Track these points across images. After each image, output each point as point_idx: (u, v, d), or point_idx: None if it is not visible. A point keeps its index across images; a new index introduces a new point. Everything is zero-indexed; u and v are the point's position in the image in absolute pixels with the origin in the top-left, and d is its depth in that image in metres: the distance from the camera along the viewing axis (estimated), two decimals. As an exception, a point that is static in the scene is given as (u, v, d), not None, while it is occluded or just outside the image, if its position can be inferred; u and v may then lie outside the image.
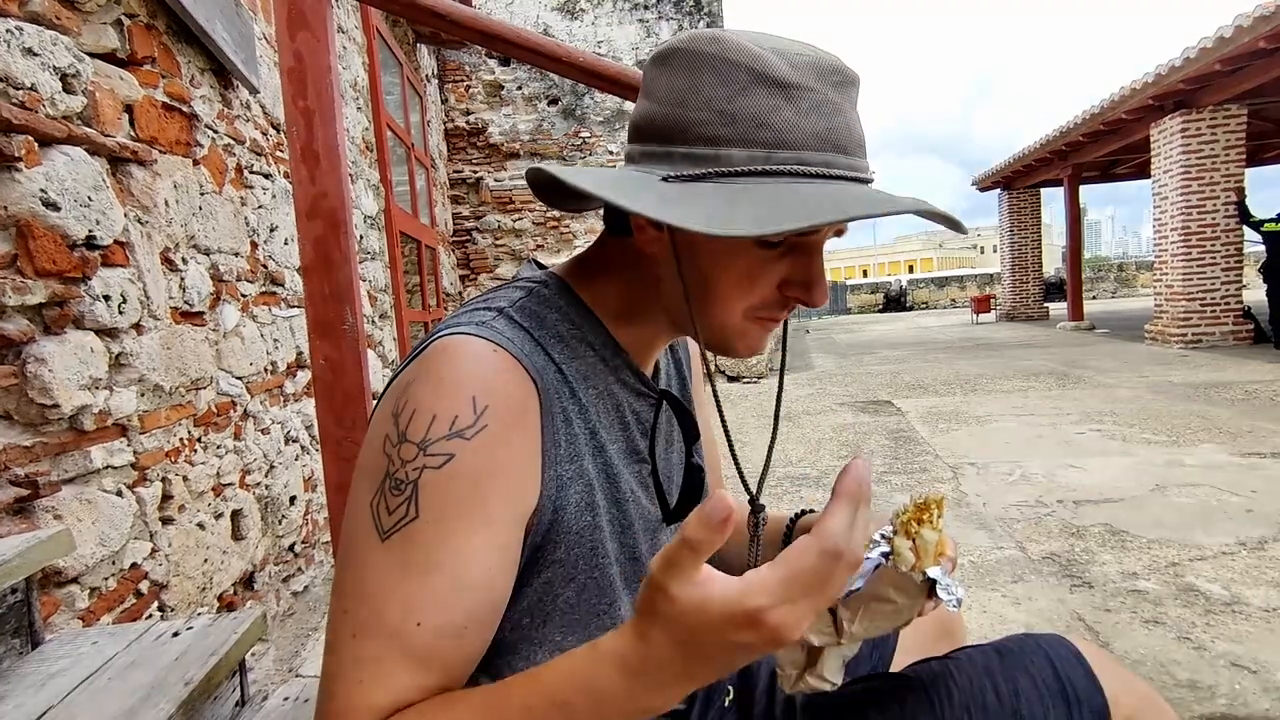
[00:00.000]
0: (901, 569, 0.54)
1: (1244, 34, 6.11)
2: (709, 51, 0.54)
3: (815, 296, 0.57)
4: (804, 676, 0.60)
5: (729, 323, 0.59)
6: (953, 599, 0.54)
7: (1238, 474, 3.17)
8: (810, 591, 0.38)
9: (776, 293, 0.58)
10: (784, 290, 0.58)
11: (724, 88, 0.53)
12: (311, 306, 1.09)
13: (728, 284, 0.57)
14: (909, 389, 6.26)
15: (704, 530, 0.37)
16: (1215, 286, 7.76)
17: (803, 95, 0.53)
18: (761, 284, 0.57)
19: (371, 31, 3.76)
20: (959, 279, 24.95)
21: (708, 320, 0.59)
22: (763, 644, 0.39)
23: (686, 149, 0.54)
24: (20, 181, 1.23)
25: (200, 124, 1.90)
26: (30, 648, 1.10)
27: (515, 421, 0.53)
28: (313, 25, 1.05)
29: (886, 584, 0.55)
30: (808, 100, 0.53)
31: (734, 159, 0.52)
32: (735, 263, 0.56)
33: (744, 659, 0.41)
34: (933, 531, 0.54)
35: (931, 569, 0.54)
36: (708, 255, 0.56)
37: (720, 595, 0.38)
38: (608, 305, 0.65)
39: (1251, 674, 1.66)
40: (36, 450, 1.24)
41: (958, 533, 2.70)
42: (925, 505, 0.55)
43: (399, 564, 0.49)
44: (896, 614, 0.56)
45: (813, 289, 0.57)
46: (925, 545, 0.54)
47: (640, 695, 0.42)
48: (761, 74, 0.52)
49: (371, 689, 0.47)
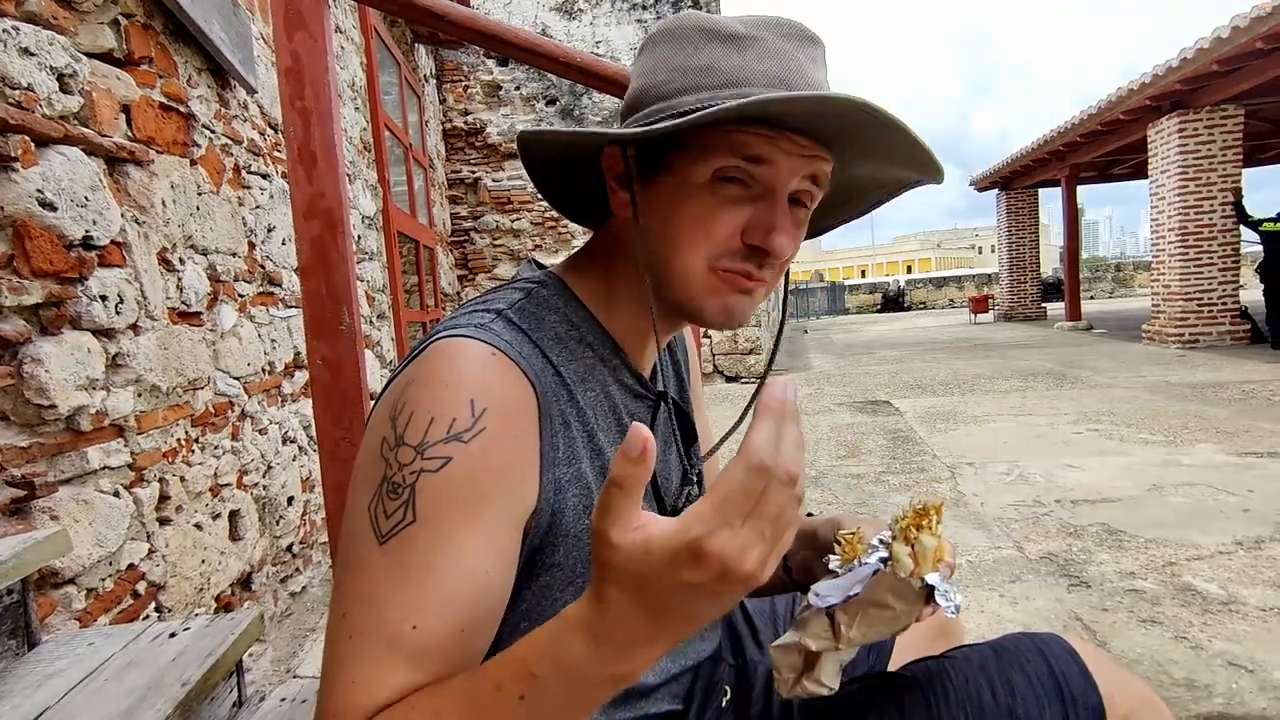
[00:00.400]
0: (900, 575, 0.54)
1: (1241, 35, 6.13)
2: (671, 26, 0.59)
3: (775, 242, 0.56)
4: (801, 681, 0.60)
5: (692, 275, 0.58)
6: (951, 605, 0.54)
7: (1234, 474, 3.18)
8: (743, 511, 0.36)
9: (738, 240, 0.58)
10: (746, 239, 0.58)
11: (680, 50, 0.58)
12: (309, 307, 1.09)
13: (685, 227, 0.57)
14: (907, 389, 6.26)
15: (627, 465, 0.36)
16: (1212, 287, 7.78)
17: (753, 44, 0.56)
18: (718, 226, 0.57)
19: (369, 31, 3.76)
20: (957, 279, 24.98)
21: (672, 275, 0.59)
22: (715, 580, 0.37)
23: (646, 109, 0.58)
24: (17, 181, 1.23)
25: (197, 124, 1.90)
26: (27, 649, 1.09)
27: (513, 425, 0.53)
28: (310, 25, 1.05)
29: (885, 589, 0.55)
30: (757, 48, 0.56)
31: (684, 103, 0.56)
32: (692, 204, 0.57)
33: (706, 607, 0.39)
34: (931, 537, 0.54)
35: (930, 575, 0.54)
36: (668, 203, 0.58)
37: (659, 533, 0.37)
38: (599, 295, 0.65)
39: (1248, 673, 1.66)
40: (33, 451, 1.24)
41: (955, 533, 2.70)
42: (924, 511, 0.55)
43: (397, 568, 0.49)
44: (894, 620, 0.56)
45: (773, 233, 0.56)
46: (924, 551, 0.54)
47: (607, 661, 0.40)
48: (713, 31, 0.57)
49: (367, 690, 0.47)
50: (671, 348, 0.82)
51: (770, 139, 0.54)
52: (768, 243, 0.56)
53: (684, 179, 0.57)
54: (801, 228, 0.61)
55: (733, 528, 0.36)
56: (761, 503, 0.36)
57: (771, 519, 0.37)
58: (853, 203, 0.70)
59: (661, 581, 0.37)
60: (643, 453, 0.36)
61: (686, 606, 0.38)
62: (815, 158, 0.56)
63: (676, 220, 0.58)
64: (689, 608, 0.39)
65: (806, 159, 0.56)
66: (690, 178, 0.56)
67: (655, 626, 0.39)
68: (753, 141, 0.54)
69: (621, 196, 0.61)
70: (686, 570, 0.37)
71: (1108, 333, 10.39)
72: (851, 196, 0.69)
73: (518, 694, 0.42)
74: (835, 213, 0.72)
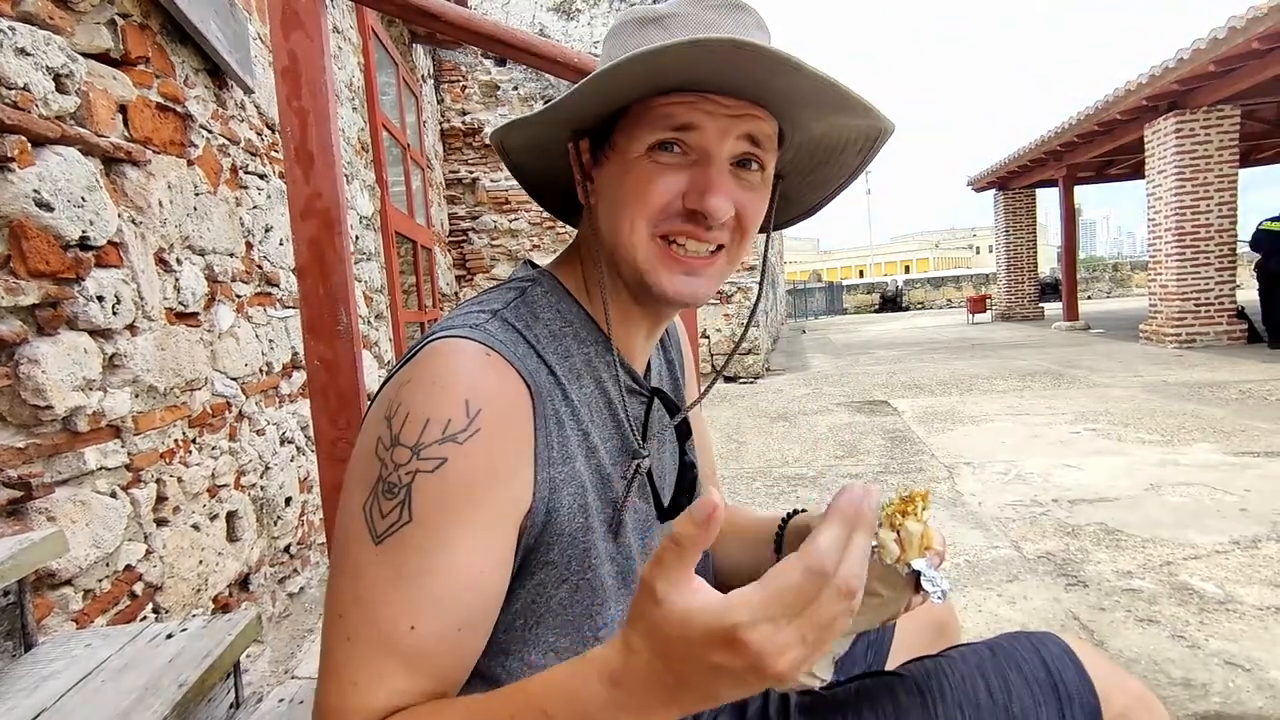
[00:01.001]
0: (886, 561, 0.55)
1: (1237, 35, 6.14)
2: (615, 24, 0.64)
3: (710, 204, 0.57)
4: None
5: (637, 243, 0.60)
6: (937, 590, 0.55)
7: (1232, 473, 3.19)
8: (792, 611, 0.36)
9: (679, 203, 0.59)
10: (685, 203, 0.59)
11: (618, 41, 0.62)
12: (306, 307, 1.09)
13: (625, 198, 0.60)
14: (905, 389, 6.27)
15: (690, 527, 0.37)
16: (1209, 287, 7.79)
17: (676, 20, 0.59)
18: (655, 192, 0.59)
19: (367, 32, 3.76)
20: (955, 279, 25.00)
21: (623, 250, 0.61)
22: (745, 671, 0.37)
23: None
24: (13, 182, 1.22)
25: (194, 124, 1.90)
26: (23, 650, 1.09)
27: (508, 425, 0.53)
28: (306, 25, 1.05)
29: (872, 577, 0.56)
30: (678, 22, 0.59)
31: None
32: (631, 175, 0.59)
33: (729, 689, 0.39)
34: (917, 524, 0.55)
35: (916, 561, 0.55)
36: (614, 179, 0.61)
37: (702, 605, 0.37)
38: (582, 287, 0.67)
39: (1245, 672, 1.67)
40: (30, 451, 1.24)
41: (953, 532, 2.70)
42: (910, 499, 0.56)
43: (392, 568, 0.49)
44: (883, 607, 0.57)
45: (707, 195, 0.57)
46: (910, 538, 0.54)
47: (621, 709, 0.40)
48: (645, 18, 0.61)
49: (365, 692, 0.47)
50: (665, 346, 0.82)
51: (693, 104, 0.57)
52: (702, 204, 0.58)
53: (623, 156, 0.60)
54: (755, 191, 0.62)
55: (776, 624, 0.36)
56: (813, 607, 0.36)
57: (817, 626, 0.37)
58: (832, 165, 0.70)
59: (690, 653, 0.38)
60: (708, 519, 0.36)
61: (710, 685, 0.38)
62: (745, 116, 0.58)
63: (619, 194, 0.60)
64: (712, 686, 0.39)
65: (735, 118, 0.58)
66: (628, 153, 0.59)
67: (674, 692, 0.39)
68: (677, 110, 0.57)
69: (588, 187, 0.65)
70: (719, 652, 0.37)
71: (1105, 332, 10.41)
72: (828, 158, 0.69)
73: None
74: (824, 178, 0.72)
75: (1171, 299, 7.94)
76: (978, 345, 9.73)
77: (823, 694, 0.76)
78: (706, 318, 7.00)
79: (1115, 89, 8.16)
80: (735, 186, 0.59)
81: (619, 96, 0.58)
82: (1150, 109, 8.02)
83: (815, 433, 4.68)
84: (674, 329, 0.86)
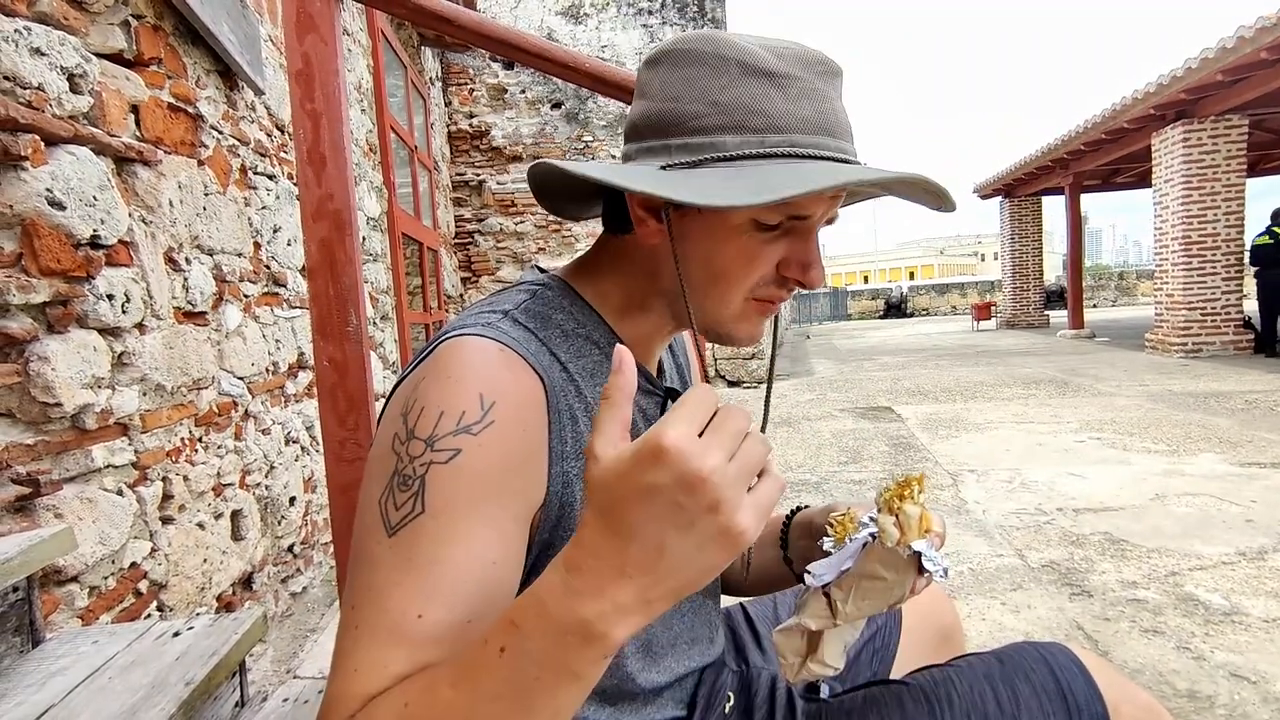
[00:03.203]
0: (888, 545, 0.56)
1: (1246, 44, 6.13)
2: (700, 49, 0.57)
3: (812, 277, 0.59)
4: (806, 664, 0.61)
5: (729, 307, 0.61)
6: (938, 569, 0.56)
7: (1237, 484, 3.17)
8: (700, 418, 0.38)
9: (774, 273, 0.60)
10: (782, 270, 0.60)
11: (716, 80, 0.56)
12: (316, 308, 1.09)
13: (727, 267, 0.59)
14: (909, 395, 6.26)
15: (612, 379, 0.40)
16: (1216, 296, 7.77)
17: (791, 83, 0.55)
18: (759, 265, 0.59)
19: (376, 34, 3.78)
20: (960, 286, 24.97)
21: (708, 306, 0.61)
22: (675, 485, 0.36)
23: (682, 140, 0.56)
24: (26, 180, 1.23)
25: (205, 125, 1.91)
26: (31, 646, 1.10)
27: (522, 418, 0.53)
28: (321, 29, 1.06)
29: (874, 560, 0.57)
30: (796, 88, 0.55)
31: (728, 144, 0.55)
32: (733, 246, 0.58)
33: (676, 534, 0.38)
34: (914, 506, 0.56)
35: (917, 542, 0.56)
36: (707, 241, 0.58)
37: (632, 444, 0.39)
38: (610, 302, 0.66)
39: (1251, 684, 1.66)
40: (38, 448, 1.25)
41: (957, 540, 2.69)
42: (906, 483, 0.57)
43: (404, 558, 0.49)
44: (888, 590, 0.58)
45: (810, 269, 0.59)
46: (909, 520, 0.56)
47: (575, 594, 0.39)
48: (751, 66, 0.55)
49: (365, 678, 0.47)
50: (673, 349, 0.83)
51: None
52: (806, 278, 0.59)
53: (721, 220, 0.57)
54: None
55: (689, 425, 0.38)
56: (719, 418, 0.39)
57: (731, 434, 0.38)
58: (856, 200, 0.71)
59: (626, 486, 0.38)
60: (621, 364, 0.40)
61: (651, 524, 0.38)
62: (840, 196, 0.60)
63: (717, 259, 0.59)
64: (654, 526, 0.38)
65: (835, 200, 0.59)
66: (729, 220, 0.57)
67: (621, 552, 0.38)
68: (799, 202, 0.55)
69: (650, 226, 0.60)
70: (648, 469, 0.37)
71: (1110, 341, 10.38)
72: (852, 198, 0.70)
73: (499, 646, 0.41)
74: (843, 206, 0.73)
75: (1178, 308, 7.92)
76: (982, 352, 9.71)
77: (829, 702, 0.76)
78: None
79: (1123, 97, 8.16)
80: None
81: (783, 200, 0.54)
82: (1158, 118, 8.01)
83: (819, 438, 4.67)
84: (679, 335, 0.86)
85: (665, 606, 0.40)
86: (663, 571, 0.38)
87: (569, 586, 0.39)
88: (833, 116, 0.57)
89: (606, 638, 0.39)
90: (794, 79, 0.55)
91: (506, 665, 0.41)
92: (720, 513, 0.37)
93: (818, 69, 0.57)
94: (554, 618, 0.40)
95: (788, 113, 0.55)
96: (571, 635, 0.39)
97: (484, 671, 0.42)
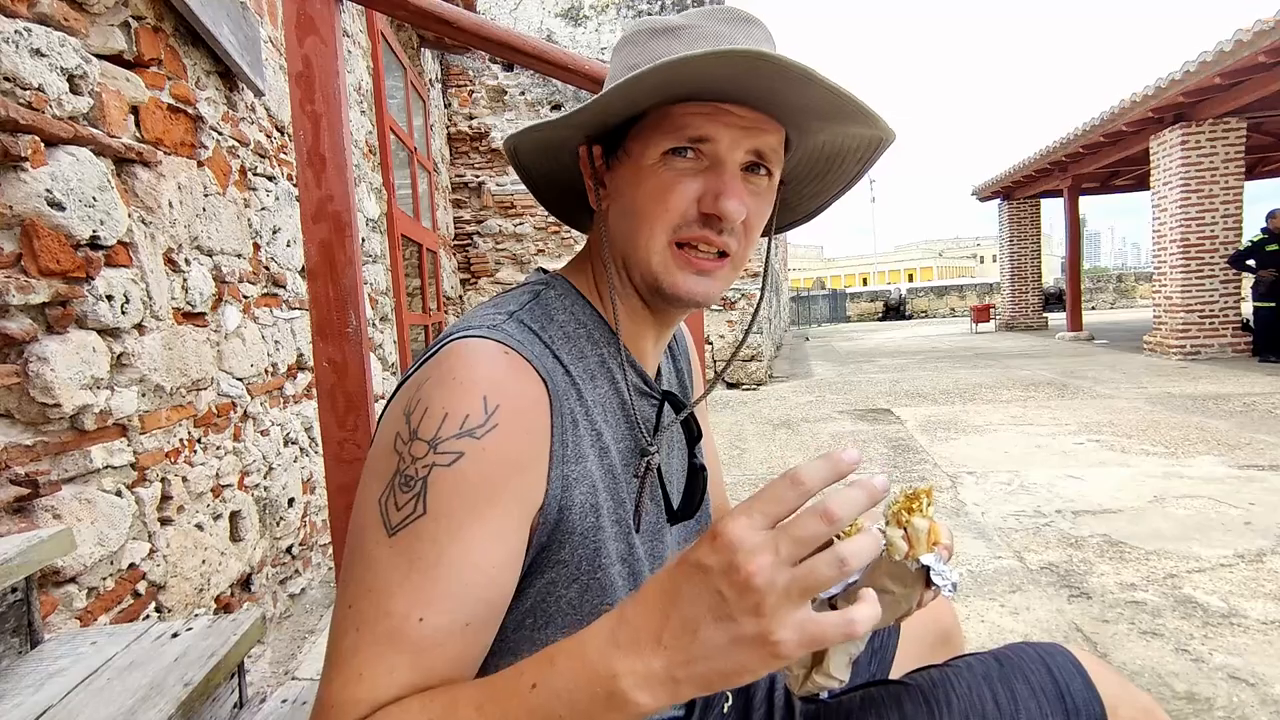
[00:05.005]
0: (896, 558, 0.56)
1: (1244, 48, 6.15)
2: (628, 32, 0.64)
3: (725, 206, 0.59)
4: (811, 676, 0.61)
5: (656, 249, 0.62)
6: (947, 583, 0.56)
7: (1236, 486, 3.18)
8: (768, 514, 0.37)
9: (694, 210, 0.61)
10: (701, 207, 0.61)
11: (634, 49, 0.63)
12: (316, 309, 1.09)
13: (645, 204, 0.61)
14: (908, 397, 6.26)
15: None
16: (1214, 299, 7.78)
17: (689, 31, 0.61)
18: (674, 199, 0.60)
19: (376, 36, 3.78)
20: (958, 288, 24.98)
21: (639, 257, 0.63)
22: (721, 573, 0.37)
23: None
24: (26, 181, 1.23)
25: (205, 126, 1.91)
26: (30, 647, 1.09)
27: (526, 421, 0.54)
28: (321, 30, 1.06)
29: (882, 574, 0.57)
30: (693, 33, 0.61)
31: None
32: (649, 183, 0.61)
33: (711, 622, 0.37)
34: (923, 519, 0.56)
35: (925, 555, 0.55)
36: (629, 186, 0.62)
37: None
38: (594, 290, 0.68)
39: (1250, 687, 1.66)
40: (37, 449, 1.25)
41: (956, 542, 2.69)
42: (915, 495, 0.57)
43: (405, 560, 0.49)
44: (895, 604, 0.57)
45: (722, 198, 0.59)
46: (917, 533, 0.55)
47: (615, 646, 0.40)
48: (658, 28, 0.62)
49: (371, 682, 0.47)
50: (674, 353, 0.83)
51: (709, 115, 0.58)
52: (717, 207, 0.60)
53: (638, 162, 0.61)
54: (760, 196, 0.63)
55: (750, 518, 0.37)
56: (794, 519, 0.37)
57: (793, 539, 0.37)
58: (832, 174, 0.72)
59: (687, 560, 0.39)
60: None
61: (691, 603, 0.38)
62: (756, 129, 0.60)
63: (636, 201, 0.62)
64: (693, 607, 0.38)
65: (747, 130, 0.60)
66: (643, 159, 0.61)
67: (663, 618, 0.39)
68: (694, 120, 0.58)
69: (599, 193, 0.66)
70: (704, 548, 0.38)
71: (1109, 343, 10.39)
72: (828, 167, 0.71)
73: (531, 682, 0.42)
74: (823, 186, 0.74)
75: (1176, 311, 7.93)
76: (981, 355, 9.72)
77: (828, 702, 0.76)
78: (710, 324, 7.01)
79: (1121, 100, 8.17)
80: (745, 191, 0.61)
81: (641, 103, 0.59)
82: (1156, 121, 8.02)
83: (818, 440, 4.67)
84: (681, 338, 0.86)
85: (691, 692, 0.39)
86: (694, 654, 0.38)
87: (613, 635, 0.40)
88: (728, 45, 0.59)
89: (630, 701, 0.39)
90: (692, 28, 0.61)
91: (535, 700, 0.41)
92: (760, 616, 0.36)
93: (721, 15, 0.61)
94: (589, 662, 0.40)
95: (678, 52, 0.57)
96: (599, 686, 0.39)
97: (511, 702, 0.42)
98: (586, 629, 0.42)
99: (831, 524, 0.37)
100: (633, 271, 0.64)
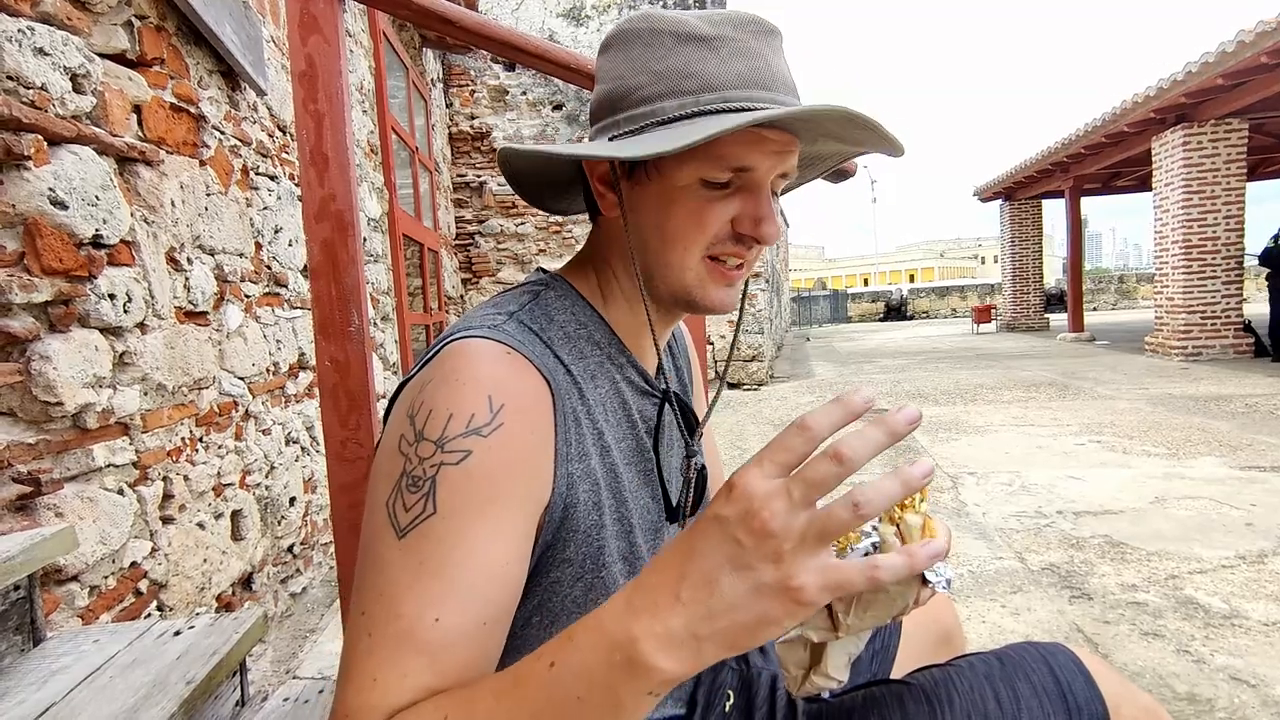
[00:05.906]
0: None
1: (1246, 49, 6.14)
2: (638, 28, 0.61)
3: (764, 231, 0.60)
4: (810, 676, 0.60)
5: (688, 270, 0.61)
6: (941, 580, 0.56)
7: (1237, 487, 3.17)
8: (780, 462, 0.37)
9: (730, 230, 0.61)
10: (736, 227, 0.60)
11: (653, 53, 0.60)
12: (318, 308, 1.09)
13: (679, 228, 0.60)
14: (909, 398, 6.26)
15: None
16: (1216, 300, 7.77)
17: (723, 44, 0.58)
18: (710, 224, 0.60)
19: (378, 36, 3.78)
20: (960, 289, 24.96)
21: (669, 274, 0.62)
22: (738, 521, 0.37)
23: (628, 112, 0.60)
24: (29, 180, 1.24)
25: (207, 125, 1.91)
26: (32, 645, 1.10)
27: (530, 420, 0.54)
28: (324, 30, 1.06)
29: None
30: (728, 48, 0.58)
31: (667, 109, 0.58)
32: (683, 207, 0.60)
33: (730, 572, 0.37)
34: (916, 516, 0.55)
35: None
36: (659, 206, 0.61)
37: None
38: (597, 291, 0.68)
39: (1251, 688, 1.66)
40: (39, 448, 1.25)
41: (957, 542, 2.69)
42: None
43: (415, 561, 0.48)
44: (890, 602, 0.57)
45: (761, 223, 0.60)
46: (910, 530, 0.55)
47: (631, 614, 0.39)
48: (684, 34, 0.59)
49: (384, 687, 0.46)
50: (673, 352, 0.83)
51: (751, 144, 0.57)
52: (758, 233, 0.60)
53: (670, 183, 0.60)
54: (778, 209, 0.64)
55: (762, 469, 0.37)
56: (809, 465, 0.37)
57: (809, 484, 0.36)
58: (816, 167, 0.73)
59: (705, 516, 0.39)
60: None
61: (709, 555, 0.38)
62: (787, 152, 0.60)
63: (669, 221, 0.61)
64: (711, 558, 0.38)
65: (781, 154, 0.60)
66: (676, 181, 0.59)
67: (680, 571, 0.39)
68: (735, 151, 0.57)
69: (610, 199, 0.64)
70: (720, 500, 0.38)
71: (1110, 344, 10.38)
72: (815, 163, 0.72)
73: (549, 661, 0.41)
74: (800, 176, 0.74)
75: (1178, 312, 7.92)
76: (982, 355, 9.71)
77: (829, 702, 0.76)
78: (711, 324, 7.01)
79: (1123, 101, 8.17)
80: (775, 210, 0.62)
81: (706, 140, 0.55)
82: (1158, 122, 8.02)
83: (819, 441, 4.67)
84: (681, 336, 0.86)
85: (715, 652, 0.38)
86: (714, 607, 0.37)
87: (629, 602, 0.40)
88: (766, 71, 0.58)
89: (651, 666, 0.38)
90: (726, 40, 0.58)
91: (553, 680, 0.41)
92: (780, 562, 0.36)
93: (750, 28, 0.59)
94: (606, 631, 0.40)
95: (720, 71, 0.57)
96: (618, 653, 0.39)
97: (530, 685, 0.42)
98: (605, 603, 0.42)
99: (842, 464, 0.36)
100: (657, 284, 0.63)
